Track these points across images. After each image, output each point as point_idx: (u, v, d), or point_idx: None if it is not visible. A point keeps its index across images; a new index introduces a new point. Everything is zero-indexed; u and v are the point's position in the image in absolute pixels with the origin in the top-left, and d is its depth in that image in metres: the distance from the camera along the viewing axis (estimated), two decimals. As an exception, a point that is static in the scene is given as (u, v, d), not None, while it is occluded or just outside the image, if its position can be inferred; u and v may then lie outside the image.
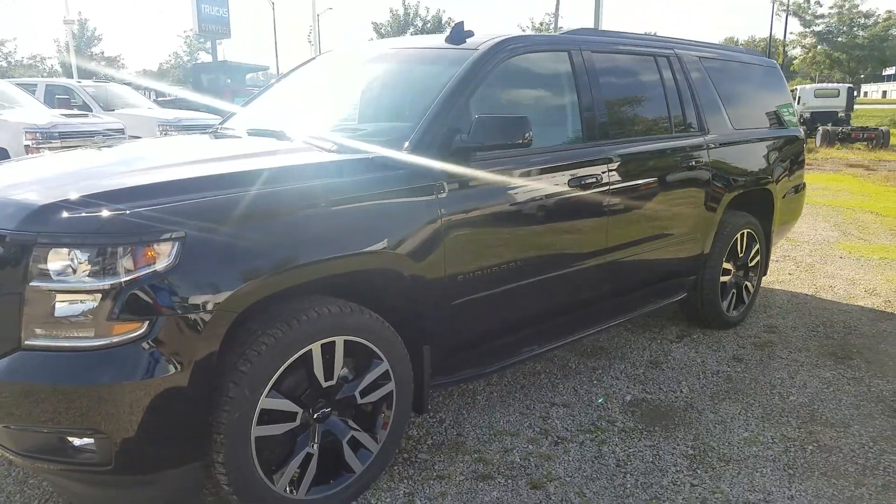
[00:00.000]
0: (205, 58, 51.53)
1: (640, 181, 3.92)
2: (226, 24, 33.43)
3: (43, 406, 2.18)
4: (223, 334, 2.30)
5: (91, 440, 2.22)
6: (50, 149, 8.96)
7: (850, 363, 4.36)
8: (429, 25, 43.22)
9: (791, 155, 5.46)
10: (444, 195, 2.92)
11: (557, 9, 34.25)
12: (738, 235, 4.90)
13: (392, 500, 2.83)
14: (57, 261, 2.15)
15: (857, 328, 5.03)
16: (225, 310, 2.26)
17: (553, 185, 3.42)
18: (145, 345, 2.16)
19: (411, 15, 43.25)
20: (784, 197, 5.40)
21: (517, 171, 3.25)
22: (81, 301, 2.16)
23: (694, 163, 4.32)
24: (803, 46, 43.91)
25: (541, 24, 42.38)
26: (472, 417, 3.54)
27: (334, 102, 3.86)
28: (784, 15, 42.04)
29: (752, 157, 4.96)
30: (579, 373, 4.13)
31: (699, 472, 3.08)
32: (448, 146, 2.98)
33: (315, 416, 2.61)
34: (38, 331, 2.19)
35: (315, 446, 2.62)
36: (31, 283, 2.16)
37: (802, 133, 5.83)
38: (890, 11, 37.27)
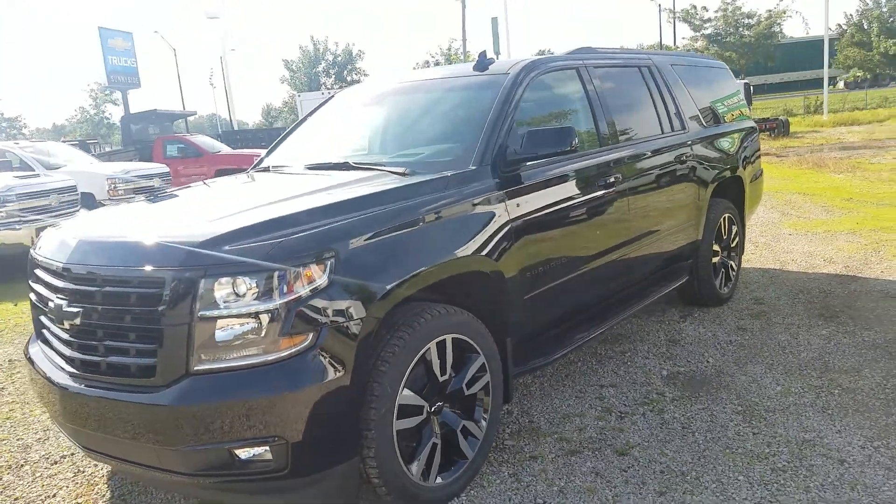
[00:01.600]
0: (113, 110, 50.17)
1: (649, 177, 4.37)
2: (135, 75, 32.92)
3: (221, 423, 2.36)
4: (372, 338, 2.55)
5: (265, 448, 2.41)
6: (7, 212, 8.76)
7: (839, 321, 4.90)
8: (339, 59, 43.59)
9: (751, 144, 6.06)
10: (508, 202, 3.25)
11: (464, 34, 35.27)
12: (721, 220, 5.42)
13: (501, 481, 3.10)
14: (225, 289, 2.36)
15: (831, 291, 5.61)
16: (372, 315, 2.53)
17: (586, 186, 3.80)
18: (313, 354, 2.40)
19: (321, 50, 43.56)
20: (751, 182, 5.98)
21: (556, 176, 3.61)
22: (250, 323, 2.37)
23: (684, 157, 4.81)
24: (696, 49, 46.55)
25: (448, 49, 43.42)
26: (535, 405, 3.85)
27: (377, 132, 4.13)
28: (673, 22, 44.65)
29: (725, 149, 5.50)
30: (611, 358, 4.50)
31: (754, 423, 3.48)
32: (504, 159, 3.33)
33: (433, 408, 2.87)
34: (209, 355, 2.38)
35: (437, 436, 2.88)
36: (199, 313, 2.36)
37: (755, 124, 6.47)
38: (770, 10, 40.16)
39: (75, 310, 2.61)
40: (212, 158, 17.79)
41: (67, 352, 2.72)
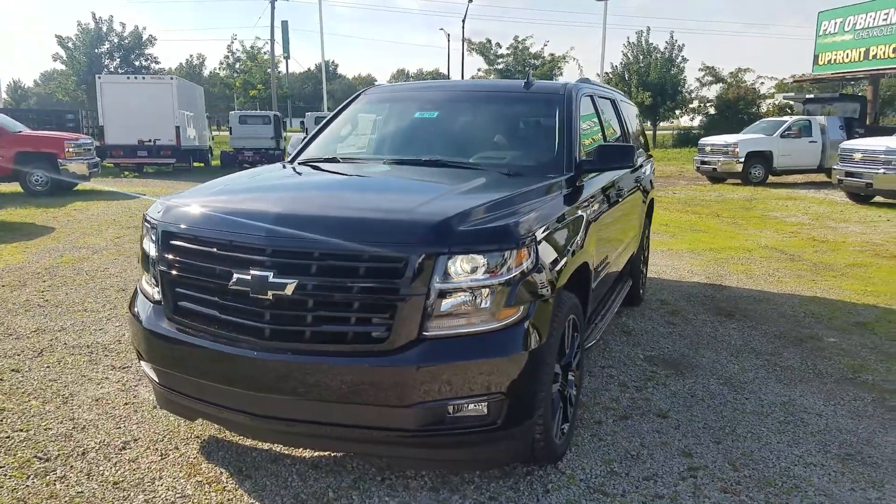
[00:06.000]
0: None
1: (631, 191, 5.21)
2: None
3: (451, 381, 2.68)
4: (553, 311, 3.02)
5: (483, 403, 2.76)
6: None
7: (737, 317, 6.12)
8: (128, 42, 40.27)
9: (653, 170, 7.23)
10: (587, 204, 3.86)
11: (272, 34, 34.73)
12: (644, 232, 6.46)
13: (587, 441, 3.66)
14: (461, 265, 2.70)
15: (713, 296, 6.90)
16: (553, 293, 3.01)
17: (610, 194, 4.52)
18: (527, 324, 2.81)
19: (104, 29, 39.91)
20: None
21: (600, 184, 4.28)
22: (478, 295, 2.72)
23: (642, 177, 5.76)
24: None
25: (252, 47, 42.28)
26: (560, 383, 4.45)
27: (436, 133, 4.45)
28: (462, 52, 47.71)
29: (651, 174, 6.57)
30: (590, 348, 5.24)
31: (740, 391, 4.40)
32: (580, 168, 3.93)
33: (560, 377, 3.37)
34: (440, 323, 2.70)
35: (561, 400, 3.38)
36: (437, 286, 2.67)
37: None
38: (552, 54, 44.43)
39: (283, 282, 2.71)
40: (12, 139, 15.85)
41: (256, 323, 2.79)
